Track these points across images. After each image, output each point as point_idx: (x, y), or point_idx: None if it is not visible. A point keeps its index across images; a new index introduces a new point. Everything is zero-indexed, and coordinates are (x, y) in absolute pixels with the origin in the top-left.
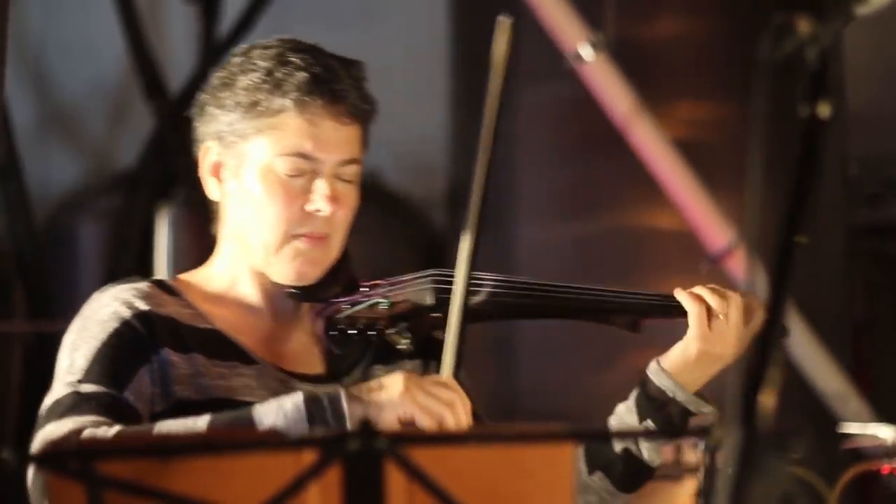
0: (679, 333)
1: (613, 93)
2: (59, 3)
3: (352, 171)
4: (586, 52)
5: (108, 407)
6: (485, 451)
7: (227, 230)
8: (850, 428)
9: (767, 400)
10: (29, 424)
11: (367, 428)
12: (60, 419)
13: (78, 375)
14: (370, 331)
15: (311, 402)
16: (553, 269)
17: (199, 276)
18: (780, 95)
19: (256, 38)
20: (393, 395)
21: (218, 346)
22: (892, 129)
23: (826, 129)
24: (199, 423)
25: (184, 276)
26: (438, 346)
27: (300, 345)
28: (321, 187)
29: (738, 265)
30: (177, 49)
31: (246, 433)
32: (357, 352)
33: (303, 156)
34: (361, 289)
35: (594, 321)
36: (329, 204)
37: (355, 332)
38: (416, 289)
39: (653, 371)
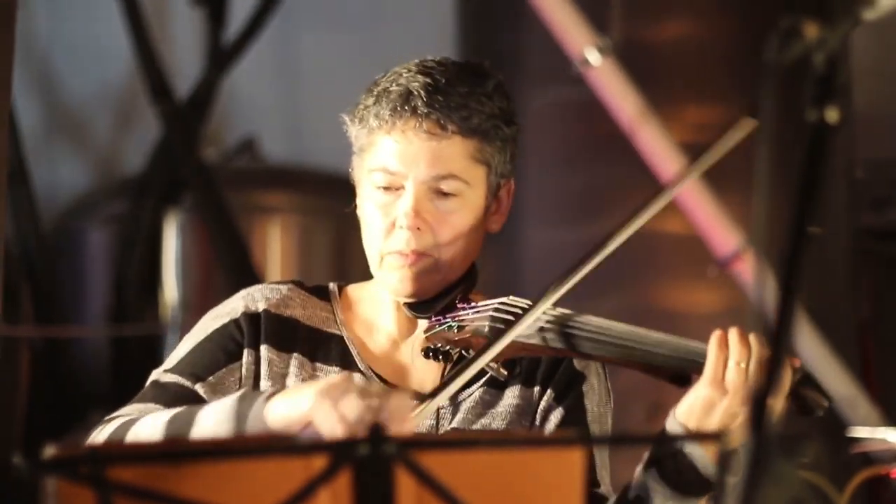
0: None
1: (620, 97)
2: (65, 7)
3: (451, 185)
4: (593, 56)
5: (176, 395)
6: (494, 456)
7: None
8: (860, 432)
9: (777, 404)
10: (36, 428)
11: (377, 433)
12: (130, 403)
13: (169, 365)
14: (441, 353)
15: (240, 401)
16: (560, 273)
17: (360, 286)
18: (787, 99)
19: (263, 43)
20: (307, 396)
21: (329, 349)
22: None
23: (833, 133)
24: (168, 414)
25: (351, 286)
26: (567, 376)
27: (422, 362)
28: (404, 202)
29: (745, 269)
30: (183, 53)
31: (256, 439)
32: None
33: (389, 171)
34: (459, 308)
35: (646, 373)
36: (408, 219)
37: (434, 352)
38: (481, 315)
39: (669, 417)
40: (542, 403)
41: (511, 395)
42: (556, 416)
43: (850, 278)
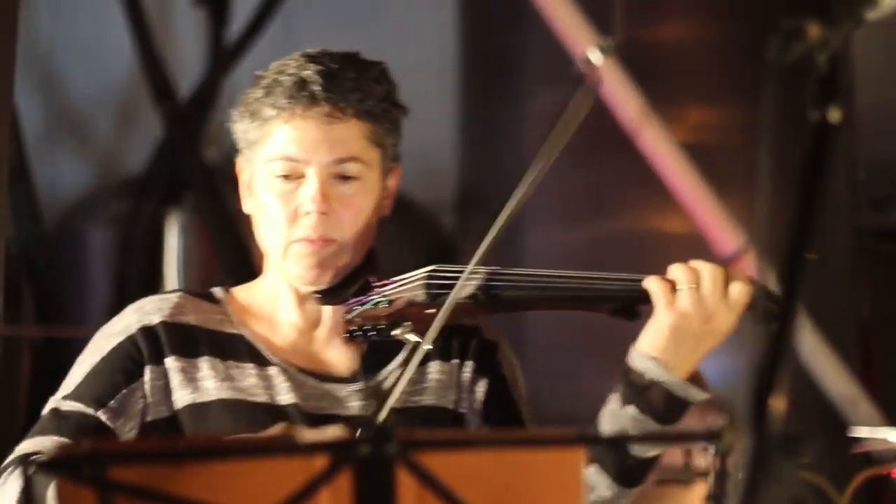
0: None
1: (622, 97)
2: (68, 7)
3: (353, 168)
4: (595, 56)
5: (78, 426)
6: (495, 455)
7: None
8: (860, 432)
9: (778, 404)
10: None
11: (378, 433)
12: (32, 437)
13: (68, 390)
14: (373, 331)
15: None
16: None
17: (248, 288)
18: (789, 99)
19: (264, 42)
20: None
21: (236, 349)
22: None
23: (836, 133)
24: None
25: (236, 288)
26: (481, 346)
27: (334, 347)
28: (309, 188)
29: (747, 269)
30: (186, 53)
31: (257, 439)
32: (388, 352)
33: (290, 159)
34: (375, 288)
35: (587, 310)
36: (316, 204)
37: (361, 333)
38: (412, 285)
39: (632, 354)
40: (466, 375)
41: (434, 371)
42: (481, 386)
43: (850, 278)
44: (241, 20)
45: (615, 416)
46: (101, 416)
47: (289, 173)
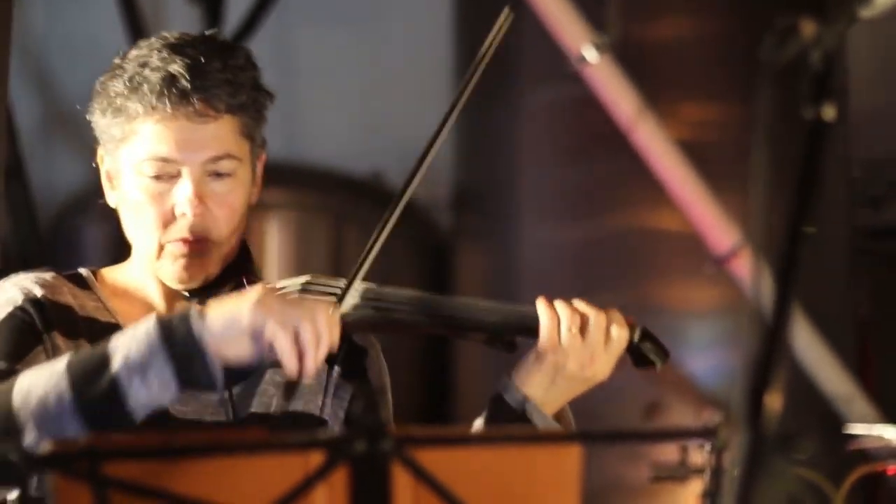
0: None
1: (617, 94)
2: (62, 3)
3: (227, 165)
4: (590, 53)
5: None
6: (491, 453)
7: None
8: (856, 429)
9: (774, 401)
10: None
11: (374, 430)
12: None
13: None
14: None
15: (162, 324)
16: (557, 271)
17: (116, 272)
18: (784, 97)
19: (260, 40)
20: (245, 304)
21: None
22: None
23: (830, 131)
24: (59, 363)
25: (104, 270)
26: (350, 351)
27: None
28: (184, 189)
29: (742, 267)
30: None
31: (253, 436)
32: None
33: (163, 159)
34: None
35: (454, 337)
36: (192, 206)
37: None
38: (288, 292)
39: (505, 383)
40: (333, 380)
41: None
42: (345, 392)
43: (847, 276)
44: (235, 18)
45: None
46: (22, 368)
47: (160, 174)
